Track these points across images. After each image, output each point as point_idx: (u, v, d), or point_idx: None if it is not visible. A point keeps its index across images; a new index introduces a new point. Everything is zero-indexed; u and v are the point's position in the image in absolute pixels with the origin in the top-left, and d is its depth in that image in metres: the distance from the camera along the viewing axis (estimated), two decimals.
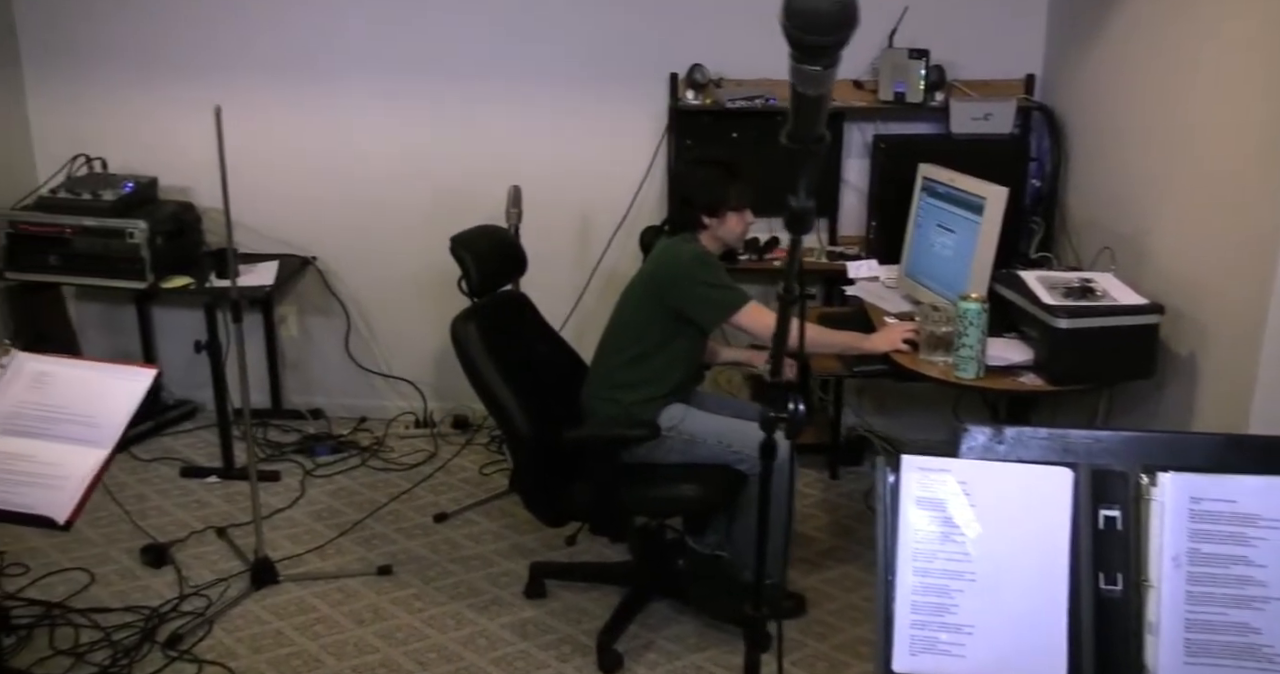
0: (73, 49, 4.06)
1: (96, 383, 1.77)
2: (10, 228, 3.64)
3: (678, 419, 2.77)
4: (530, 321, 3.05)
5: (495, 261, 2.95)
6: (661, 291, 2.77)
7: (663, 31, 3.81)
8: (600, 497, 2.70)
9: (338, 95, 4.00)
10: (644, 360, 2.80)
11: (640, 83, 3.85)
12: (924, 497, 1.39)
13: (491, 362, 2.70)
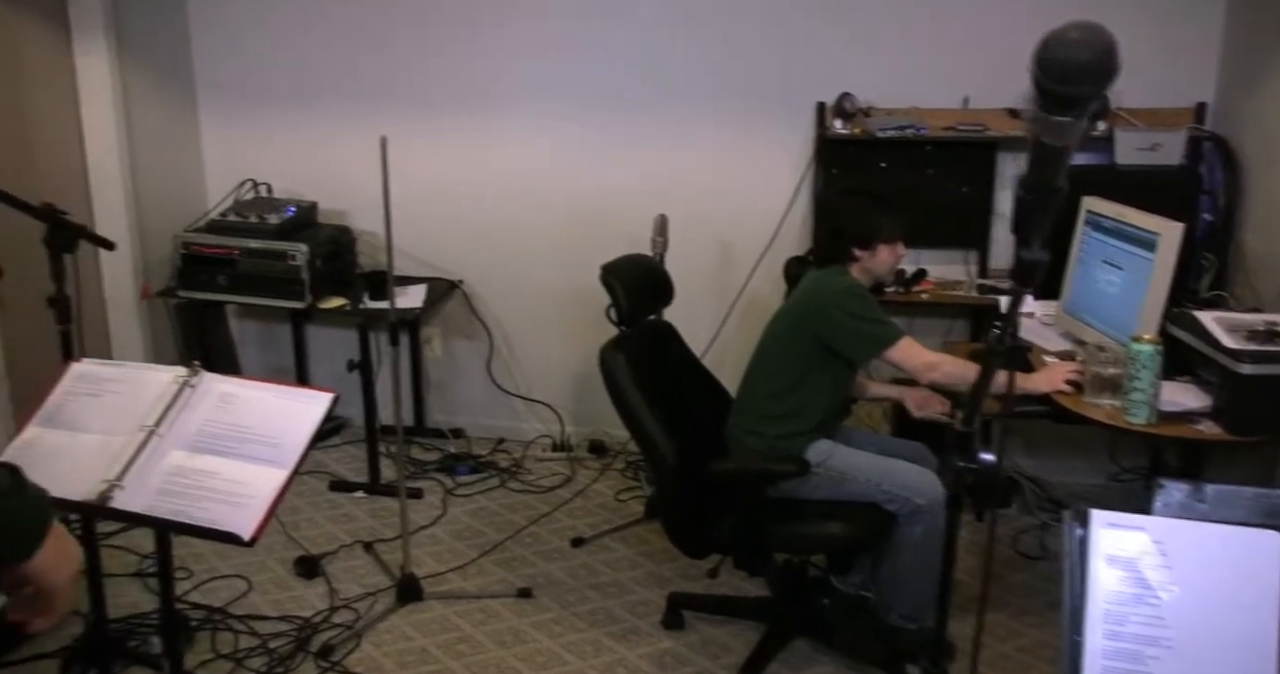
0: (242, 82, 4.29)
1: (278, 405, 1.84)
2: (184, 249, 3.85)
3: (825, 455, 2.72)
4: (676, 351, 3.05)
5: (644, 291, 2.96)
6: (811, 324, 2.73)
7: (810, 60, 3.79)
8: (744, 531, 2.67)
9: (487, 123, 4.11)
10: (791, 394, 2.76)
11: (786, 111, 3.84)
12: (1115, 555, 1.32)
13: (639, 391, 2.71)
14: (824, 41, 3.77)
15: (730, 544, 2.79)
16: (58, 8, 3.72)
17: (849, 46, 3.76)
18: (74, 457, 1.81)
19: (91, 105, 3.84)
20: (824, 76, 3.75)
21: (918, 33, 3.70)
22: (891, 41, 3.72)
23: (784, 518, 2.70)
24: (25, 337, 3.45)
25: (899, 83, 3.69)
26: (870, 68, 3.73)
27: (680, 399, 2.87)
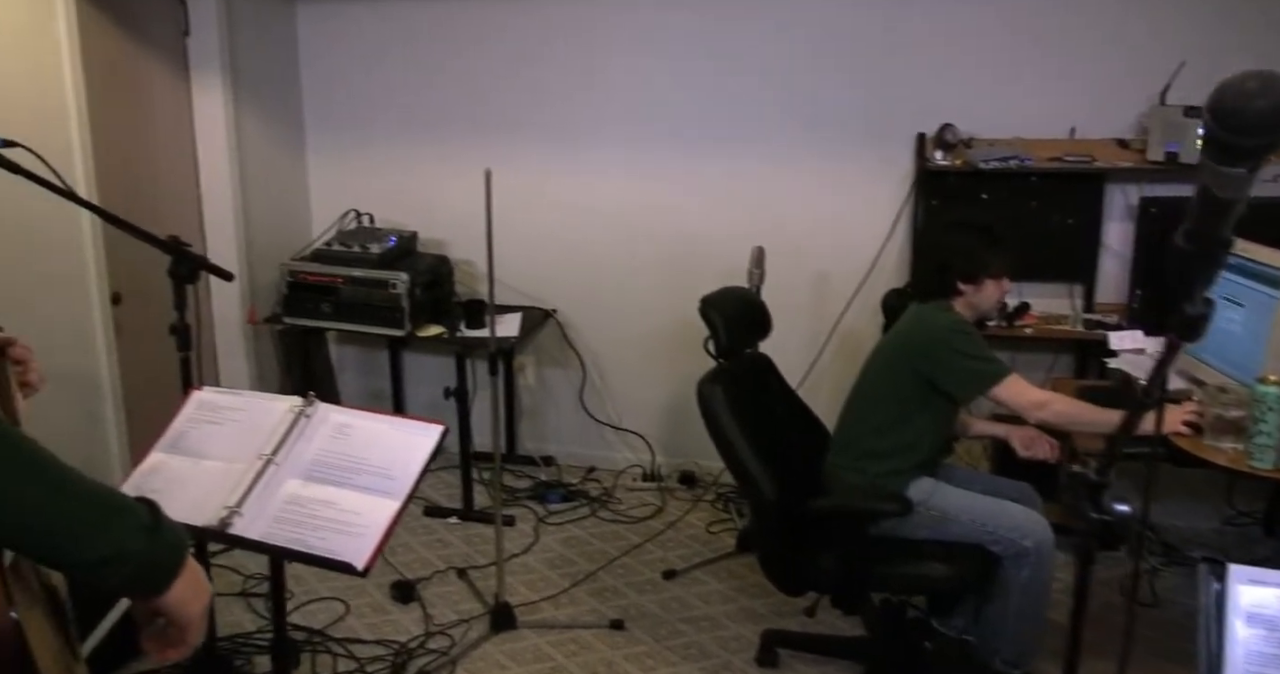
0: (347, 116, 4.43)
1: (391, 436, 1.87)
2: (290, 277, 3.97)
3: (927, 493, 2.66)
4: (773, 384, 3.03)
5: (743, 324, 2.95)
6: (914, 360, 2.68)
7: (910, 91, 3.75)
8: (843, 570, 2.62)
9: (583, 155, 4.16)
10: (892, 430, 2.71)
11: (884, 143, 3.81)
12: (1255, 613, 1.26)
13: (737, 425, 2.68)
14: (924, 72, 3.73)
15: (828, 582, 2.74)
16: (179, 48, 3.89)
17: (950, 77, 3.71)
18: (196, 483, 1.86)
19: (207, 140, 4.00)
20: (924, 107, 3.71)
21: (1022, 61, 3.64)
22: (994, 71, 3.66)
23: (885, 557, 2.64)
24: (139, 360, 3.59)
25: (1002, 113, 3.63)
26: (972, 98, 3.67)
27: (776, 433, 2.84)
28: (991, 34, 3.65)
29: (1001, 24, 3.63)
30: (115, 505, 1.10)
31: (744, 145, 3.97)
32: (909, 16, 3.70)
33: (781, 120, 3.92)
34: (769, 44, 3.86)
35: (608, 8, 3.99)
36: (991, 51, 3.66)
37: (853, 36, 3.77)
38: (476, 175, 4.15)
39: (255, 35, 4.12)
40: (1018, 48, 3.64)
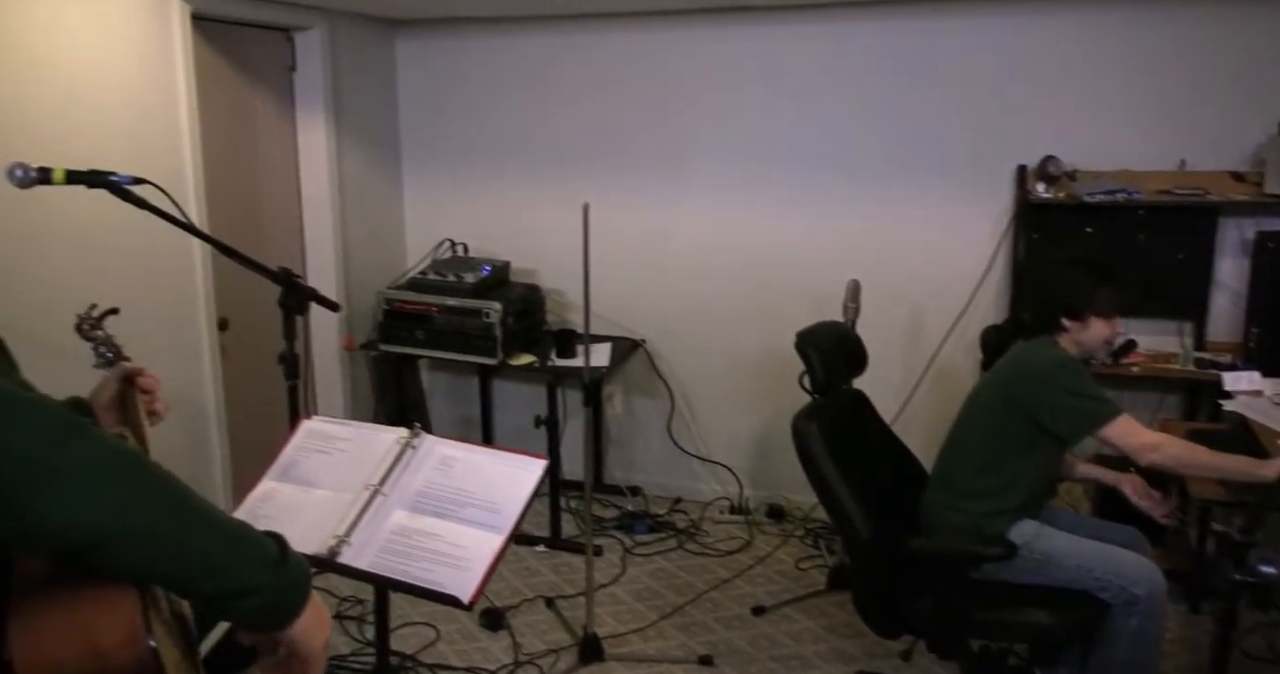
0: (443, 146, 4.52)
1: (496, 470, 1.88)
2: (386, 305, 4.05)
3: (1031, 536, 2.58)
4: (868, 420, 2.98)
5: (839, 359, 2.91)
6: (1018, 398, 2.61)
7: (1010, 122, 3.69)
8: (941, 613, 2.55)
9: (675, 183, 4.18)
10: (995, 469, 2.64)
11: (983, 175, 3.74)
12: None
13: (832, 461, 2.64)
14: (1025, 102, 3.66)
15: (925, 625, 2.67)
16: (286, 82, 4.02)
17: (1052, 107, 3.63)
18: (306, 511, 1.89)
19: (310, 171, 4.12)
20: (1025, 138, 3.64)
21: (1128, 91, 3.54)
22: (1099, 101, 3.57)
23: (985, 602, 2.57)
24: (241, 384, 3.70)
25: (1107, 144, 3.55)
26: (1075, 129, 3.59)
27: (871, 469, 2.79)
28: (1096, 62, 3.56)
29: (1106, 52, 3.54)
30: (247, 539, 1.13)
31: (838, 176, 3.94)
32: (1011, 46, 3.64)
33: (877, 151, 3.88)
34: (864, 73, 3.84)
35: (700, 39, 4.01)
36: (1095, 80, 3.57)
37: (952, 66, 3.72)
38: (567, 205, 4.21)
39: (356, 69, 4.25)
40: (1124, 77, 3.54)
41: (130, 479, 0.99)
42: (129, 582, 1.07)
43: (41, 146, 2.77)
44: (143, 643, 1.04)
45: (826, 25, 3.83)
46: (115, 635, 1.02)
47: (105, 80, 3.02)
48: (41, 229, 2.79)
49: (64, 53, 2.88)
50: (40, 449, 0.93)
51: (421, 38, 4.45)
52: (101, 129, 3.02)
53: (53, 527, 0.94)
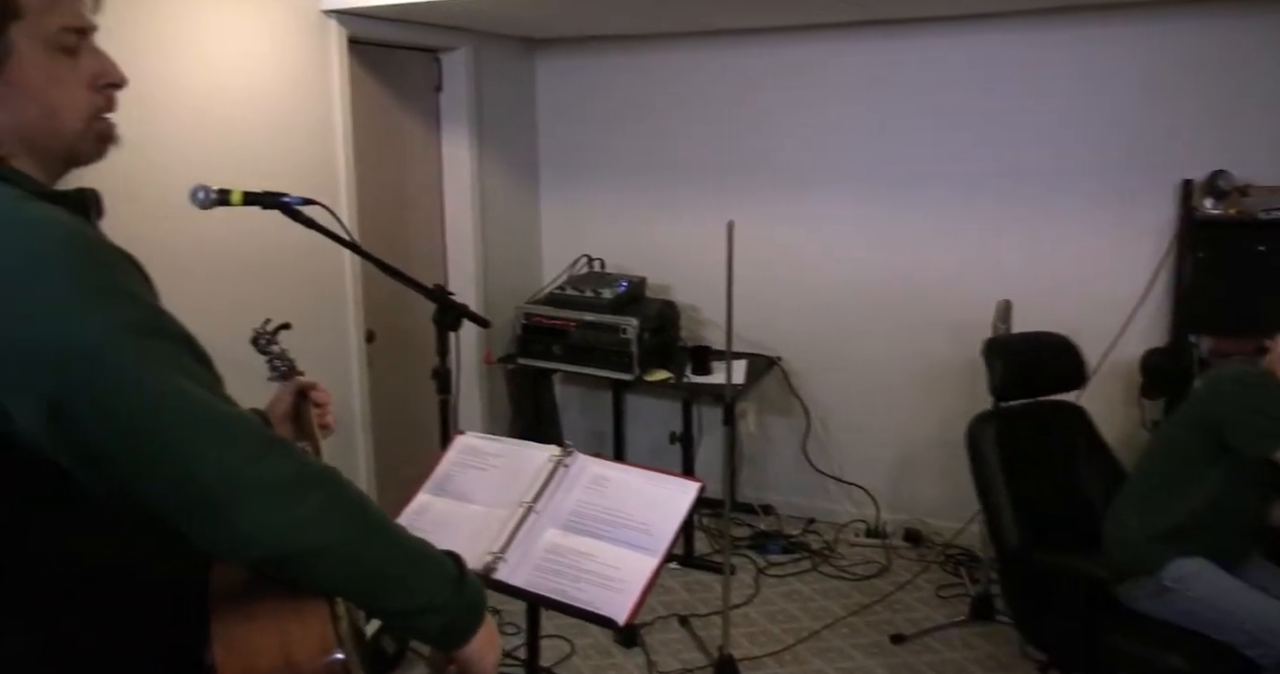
0: (581, 164, 4.58)
1: (648, 490, 1.87)
2: (524, 319, 4.12)
3: (1189, 573, 2.42)
4: (1066, 433, 2.89)
5: (1029, 369, 2.88)
6: (1204, 416, 2.46)
7: (1173, 134, 3.50)
8: (1068, 632, 2.45)
9: (812, 199, 4.12)
10: (1169, 491, 2.50)
11: (1142, 190, 3.57)
12: None
13: (999, 465, 2.63)
14: (1190, 113, 3.47)
15: (1051, 640, 2.59)
16: (432, 101, 4.14)
17: (1221, 118, 3.44)
18: (461, 526, 1.92)
19: (453, 188, 4.23)
20: (1189, 152, 3.46)
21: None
22: (1273, 111, 3.36)
23: (1125, 630, 2.45)
24: (384, 395, 3.81)
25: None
26: (1248, 141, 3.39)
27: (1046, 483, 2.75)
28: (1271, 69, 3.36)
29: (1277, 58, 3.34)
30: (430, 558, 1.14)
31: (983, 192, 3.82)
32: (1172, 52, 3.46)
33: (1026, 165, 3.74)
34: (1010, 85, 3.71)
35: (841, 53, 3.95)
36: (1268, 88, 3.36)
37: (1106, 75, 3.56)
38: (703, 221, 4.21)
39: (498, 88, 4.34)
40: None
41: (327, 495, 1.02)
42: (319, 594, 1.09)
43: (215, 167, 2.92)
44: (333, 655, 1.06)
45: (968, 37, 3.73)
46: (308, 647, 1.04)
47: (271, 104, 3.17)
48: (214, 246, 2.94)
49: (236, 79, 3.03)
50: (243, 462, 0.96)
51: (561, 56, 4.52)
52: (266, 149, 3.17)
53: (250, 539, 0.97)
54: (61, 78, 1.03)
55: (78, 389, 0.92)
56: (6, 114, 1.01)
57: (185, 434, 0.94)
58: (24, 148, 1.04)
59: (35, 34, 1.00)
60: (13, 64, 0.99)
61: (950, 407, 3.95)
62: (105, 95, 1.09)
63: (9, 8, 0.97)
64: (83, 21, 1.04)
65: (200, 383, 0.98)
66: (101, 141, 1.10)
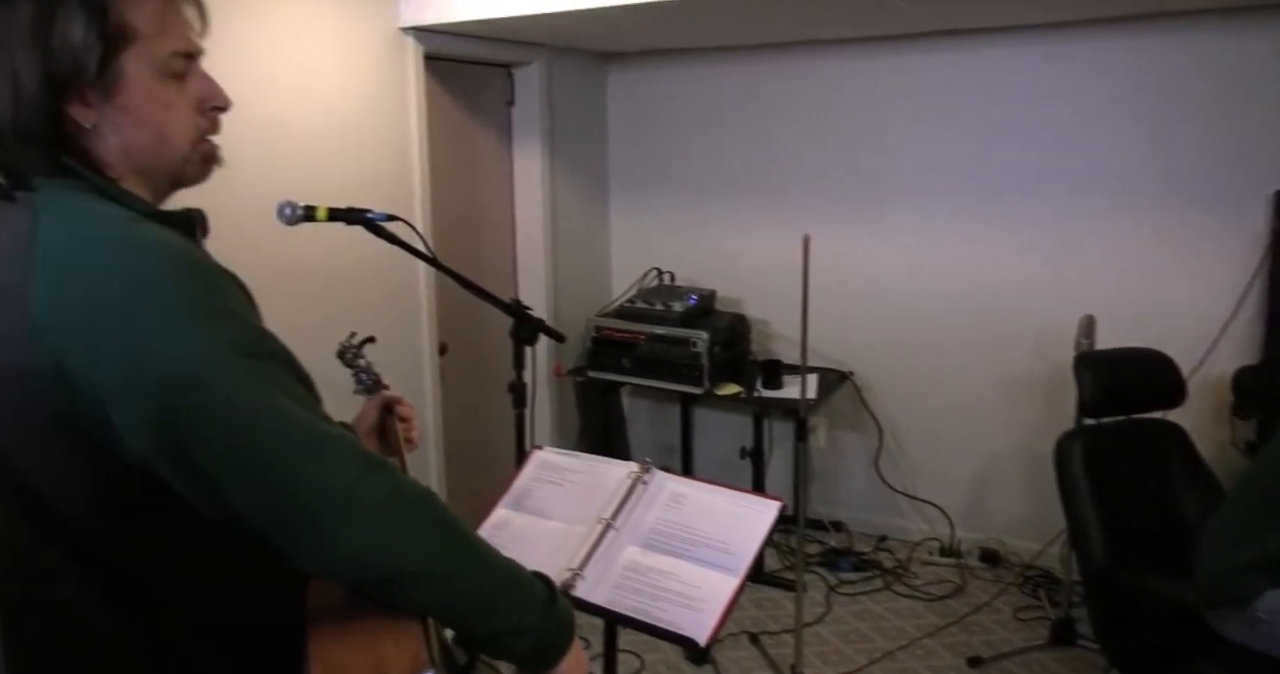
0: (651, 177, 4.58)
1: (729, 510, 1.85)
2: (594, 332, 4.12)
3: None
4: (1163, 453, 2.81)
5: (1123, 385, 2.82)
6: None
7: (1262, 145, 3.38)
8: (1152, 655, 2.37)
9: (885, 212, 4.07)
10: (1266, 519, 2.39)
11: (1233, 200, 3.45)
12: None
13: (1087, 482, 2.61)
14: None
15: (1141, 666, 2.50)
16: (504, 116, 4.18)
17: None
18: (540, 542, 1.92)
19: (524, 202, 4.26)
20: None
21: None
22: None
23: (1213, 657, 2.37)
24: (457, 407, 3.84)
25: None
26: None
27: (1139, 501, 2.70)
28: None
29: None
30: (521, 579, 1.14)
31: (1063, 204, 3.73)
32: (1262, 59, 3.34)
33: (1107, 176, 3.64)
34: (1089, 94, 3.62)
35: (920, 62, 3.89)
36: None
37: (1191, 82, 3.45)
38: (774, 234, 4.18)
39: (570, 102, 4.37)
40: None
41: (424, 516, 1.02)
42: (413, 613, 1.10)
43: (295, 183, 2.98)
44: (423, 670, 1.06)
45: (1044, 46, 3.65)
46: (402, 666, 1.05)
47: (350, 121, 3.23)
48: (293, 261, 2.99)
49: (316, 96, 3.09)
50: (344, 482, 0.97)
51: (632, 69, 4.53)
52: (344, 165, 3.22)
53: (349, 558, 0.98)
54: (171, 101, 1.06)
55: (183, 408, 0.93)
56: (117, 138, 1.04)
57: (285, 453, 0.96)
58: (133, 170, 1.06)
59: (146, 59, 1.02)
60: (124, 89, 1.02)
61: (1029, 423, 3.86)
62: (210, 118, 1.11)
63: (122, 34, 1.00)
64: (191, 46, 1.07)
65: (301, 402, 0.99)
66: (206, 163, 1.13)
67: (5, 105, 0.98)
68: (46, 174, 1.02)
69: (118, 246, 0.97)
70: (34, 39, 0.97)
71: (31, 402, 0.97)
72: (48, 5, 0.97)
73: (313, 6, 3.06)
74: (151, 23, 1.02)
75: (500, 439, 4.17)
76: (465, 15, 3.27)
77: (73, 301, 0.94)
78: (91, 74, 0.99)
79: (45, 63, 0.97)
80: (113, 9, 0.99)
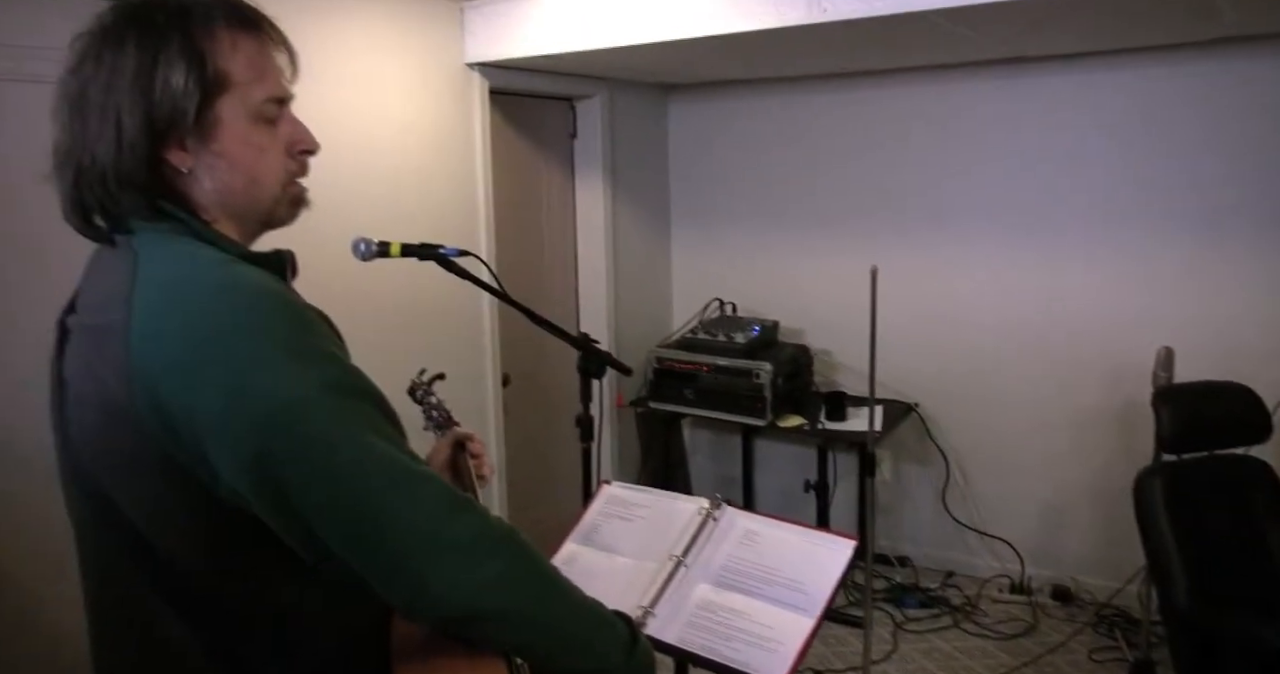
0: (712, 207, 4.59)
1: (802, 548, 1.82)
2: (656, 363, 4.11)
3: None
4: (1259, 493, 2.72)
5: (1204, 420, 2.75)
6: None
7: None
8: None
9: (950, 243, 4.01)
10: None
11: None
12: None
13: (1169, 520, 2.53)
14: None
15: None
16: (566, 148, 4.22)
17: None
18: (610, 578, 1.90)
19: (586, 233, 4.28)
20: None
21: None
22: None
23: None
24: (516, 437, 3.85)
25: None
26: None
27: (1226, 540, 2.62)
28: None
29: None
30: (603, 618, 1.13)
31: (1138, 233, 3.64)
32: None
33: (1185, 204, 3.55)
34: (1164, 122, 3.54)
35: (988, 91, 3.85)
36: None
37: (1276, 106, 3.37)
38: (838, 264, 4.15)
39: (631, 133, 4.39)
40: None
41: (510, 555, 1.02)
42: (497, 651, 1.09)
43: (365, 218, 3.02)
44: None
45: (1115, 73, 3.58)
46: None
47: (417, 155, 3.28)
48: (362, 295, 3.03)
49: (386, 131, 3.15)
50: (432, 521, 0.97)
51: (694, 100, 4.55)
52: (411, 198, 3.27)
53: (438, 598, 0.98)
54: (263, 146, 1.08)
55: (277, 448, 0.94)
56: (212, 181, 1.06)
57: (376, 492, 0.96)
58: (226, 212, 1.09)
59: (242, 105, 1.05)
60: (221, 134, 1.04)
61: (1101, 457, 3.76)
62: (299, 161, 1.13)
63: (220, 81, 1.02)
64: (283, 92, 1.09)
65: (390, 441, 1.00)
66: (295, 205, 1.15)
67: (108, 149, 1.00)
68: (144, 217, 1.05)
69: (215, 289, 0.99)
70: (137, 86, 0.99)
71: (130, 439, 0.99)
72: (151, 53, 0.99)
73: (384, 46, 3.13)
74: (247, 70, 1.04)
75: (561, 469, 4.17)
76: (530, 51, 3.31)
77: (171, 343, 0.96)
78: (190, 120, 1.01)
79: (147, 109, 1.00)
80: (211, 57, 1.02)
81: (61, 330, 1.12)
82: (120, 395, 0.97)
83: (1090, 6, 2.68)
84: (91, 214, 1.06)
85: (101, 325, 1.01)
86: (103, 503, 1.05)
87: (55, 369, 1.12)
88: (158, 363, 0.96)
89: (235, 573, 1.04)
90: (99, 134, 1.01)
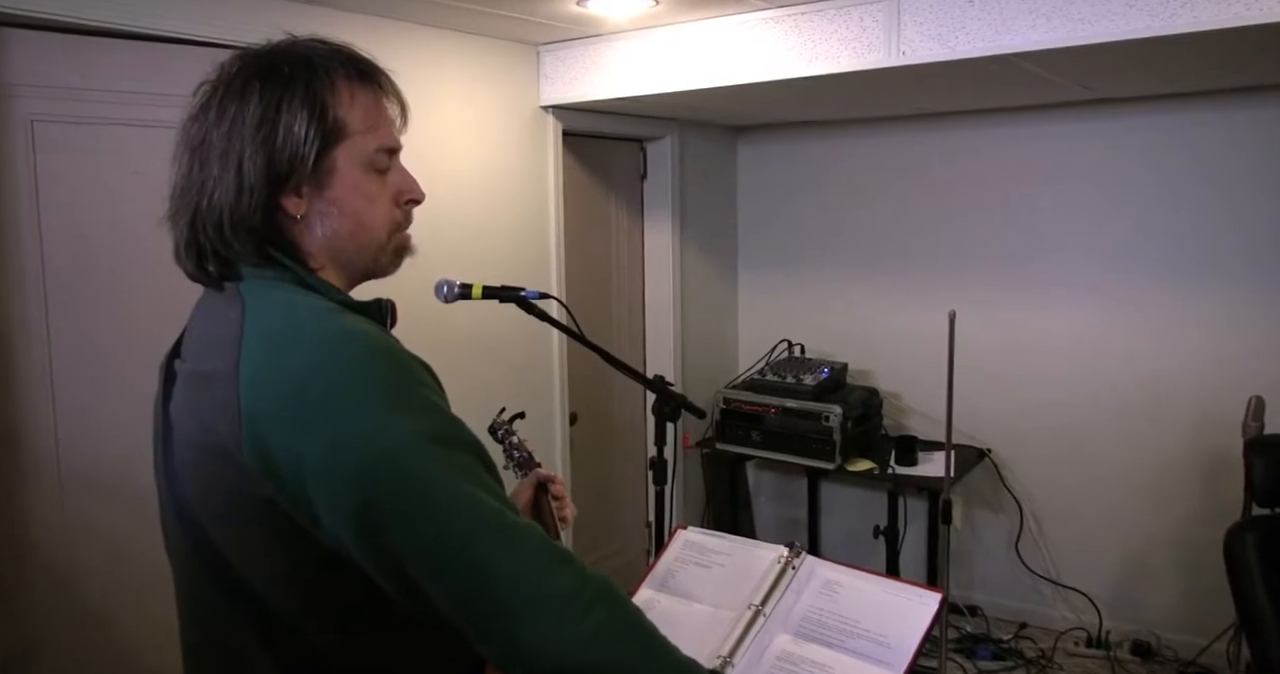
0: (780, 248, 4.58)
1: (886, 600, 1.78)
2: (724, 404, 4.09)
3: None
4: None
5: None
6: None
7: None
8: None
9: (1027, 286, 3.95)
10: None
11: None
12: None
13: (1263, 576, 2.46)
14: None
15: None
16: (636, 189, 4.25)
17: None
18: (687, 626, 1.87)
19: (654, 275, 4.30)
20: None
21: None
22: None
23: None
24: (585, 477, 3.84)
25: None
26: None
27: None
28: None
29: None
30: (696, 672, 1.11)
31: (1223, 277, 3.55)
32: None
33: (1274, 251, 3.47)
34: (1258, 162, 3.46)
35: (1068, 133, 3.80)
36: None
37: None
38: (909, 306, 4.10)
39: (701, 174, 4.41)
40: None
41: (610, 609, 1.01)
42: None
43: (441, 259, 3.07)
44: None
45: (1205, 112, 3.52)
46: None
47: (493, 197, 3.33)
48: (438, 336, 3.07)
49: (466, 174, 3.21)
50: (533, 574, 0.97)
51: (763, 141, 4.57)
52: (486, 239, 3.31)
53: (538, 652, 0.97)
54: (374, 194, 1.10)
55: (381, 496, 0.95)
56: (323, 228, 1.08)
57: (477, 544, 0.96)
58: (333, 260, 1.11)
59: (356, 154, 1.07)
60: (335, 182, 1.06)
61: (1185, 508, 3.64)
62: (405, 211, 1.15)
63: (338, 130, 1.05)
64: (395, 142, 1.11)
65: (491, 492, 1.00)
66: (399, 254, 1.16)
67: (229, 195, 1.03)
68: (254, 262, 1.07)
69: (321, 338, 1.00)
70: (260, 132, 1.02)
71: (233, 482, 1.00)
72: (275, 102, 1.02)
73: (466, 90, 3.19)
74: (363, 120, 1.07)
75: (626, 507, 4.16)
76: (602, 94, 3.35)
77: (278, 391, 0.97)
78: (309, 167, 1.04)
79: (269, 155, 1.02)
80: (331, 107, 1.04)
81: (167, 373, 1.14)
82: (226, 440, 0.99)
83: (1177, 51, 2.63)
84: (205, 259, 1.08)
85: (209, 372, 1.02)
86: (203, 543, 1.06)
87: (161, 411, 1.14)
88: (264, 411, 0.97)
89: (329, 619, 1.04)
90: (219, 178, 1.03)
